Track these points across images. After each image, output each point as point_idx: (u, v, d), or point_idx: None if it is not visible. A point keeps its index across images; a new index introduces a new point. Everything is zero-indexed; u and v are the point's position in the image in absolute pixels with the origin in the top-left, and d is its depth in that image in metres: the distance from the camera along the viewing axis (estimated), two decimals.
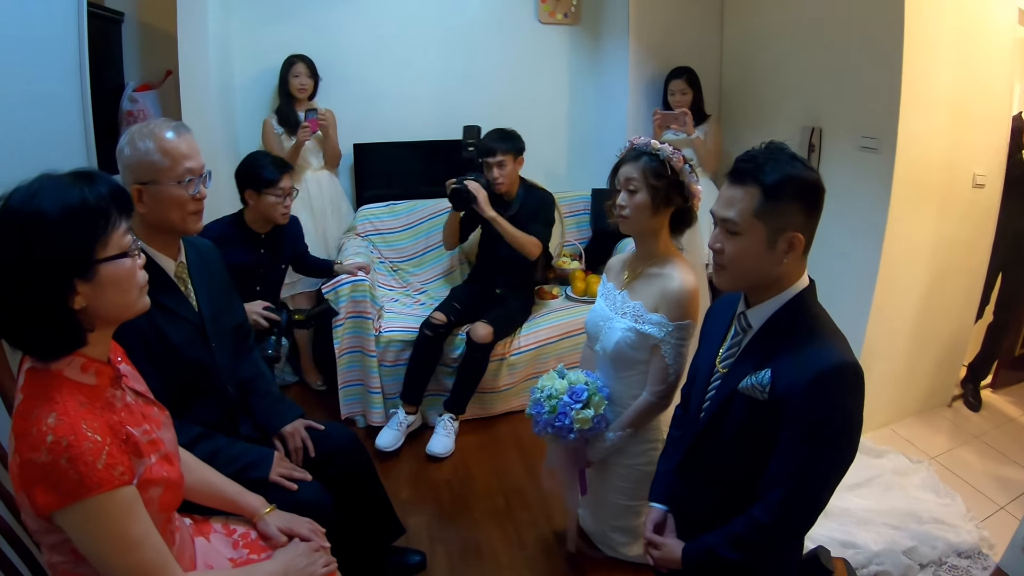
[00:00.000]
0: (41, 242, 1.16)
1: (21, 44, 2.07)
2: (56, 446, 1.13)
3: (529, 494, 2.95)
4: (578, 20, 4.46)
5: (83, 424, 1.17)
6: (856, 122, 3.17)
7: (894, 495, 2.76)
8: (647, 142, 2.05)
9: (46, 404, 1.17)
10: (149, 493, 1.28)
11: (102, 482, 1.15)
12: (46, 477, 1.13)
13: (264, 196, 2.95)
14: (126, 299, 1.29)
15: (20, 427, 1.17)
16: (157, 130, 1.79)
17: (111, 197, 1.24)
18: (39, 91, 2.17)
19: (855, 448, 1.50)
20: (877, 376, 3.17)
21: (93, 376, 1.27)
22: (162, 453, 1.36)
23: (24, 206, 1.16)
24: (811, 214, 1.51)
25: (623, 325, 2.12)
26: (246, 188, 2.97)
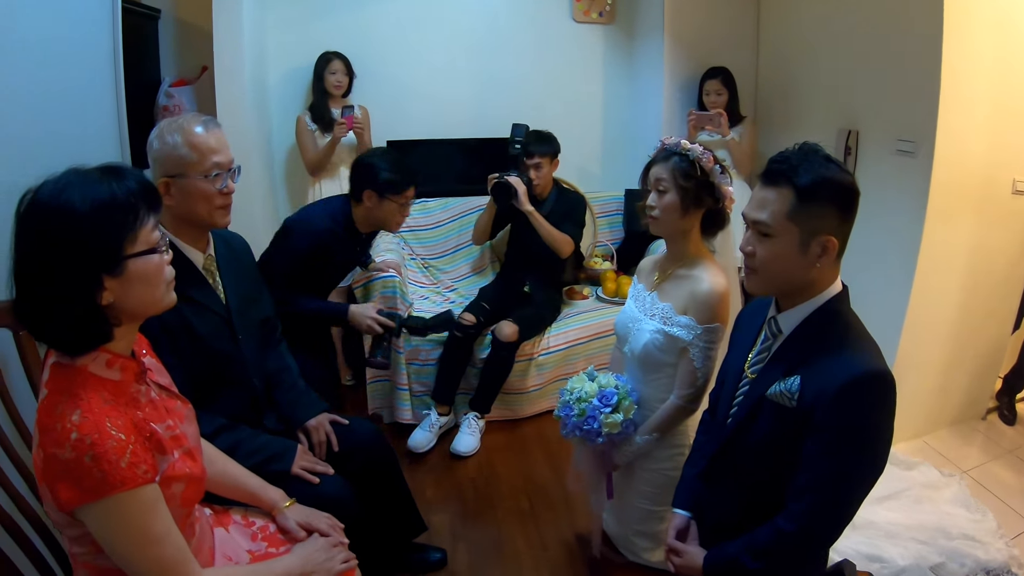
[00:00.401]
0: (69, 236, 1.16)
1: (56, 41, 2.09)
2: (80, 444, 1.13)
3: (554, 495, 2.93)
4: (613, 19, 4.43)
5: (107, 422, 1.17)
6: (893, 125, 3.09)
7: (924, 509, 2.69)
8: (677, 142, 2.03)
9: (71, 400, 1.18)
10: (171, 489, 1.29)
11: (125, 480, 1.16)
12: (69, 473, 1.14)
13: (386, 201, 2.74)
14: (153, 295, 1.29)
15: (44, 422, 1.17)
16: (186, 124, 1.80)
17: (140, 193, 1.24)
18: (74, 87, 2.19)
19: (884, 460, 1.46)
20: (910, 386, 3.09)
21: (118, 371, 1.28)
22: (185, 449, 1.36)
23: (52, 200, 1.17)
24: (845, 217, 1.47)
25: (651, 327, 2.09)
26: (367, 188, 2.73)
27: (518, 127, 3.54)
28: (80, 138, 2.20)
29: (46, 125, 2.02)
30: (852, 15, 3.34)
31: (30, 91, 1.95)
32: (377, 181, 2.71)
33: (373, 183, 2.71)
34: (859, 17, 3.29)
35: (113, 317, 1.24)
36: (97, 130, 2.33)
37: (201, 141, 1.80)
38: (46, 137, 2.00)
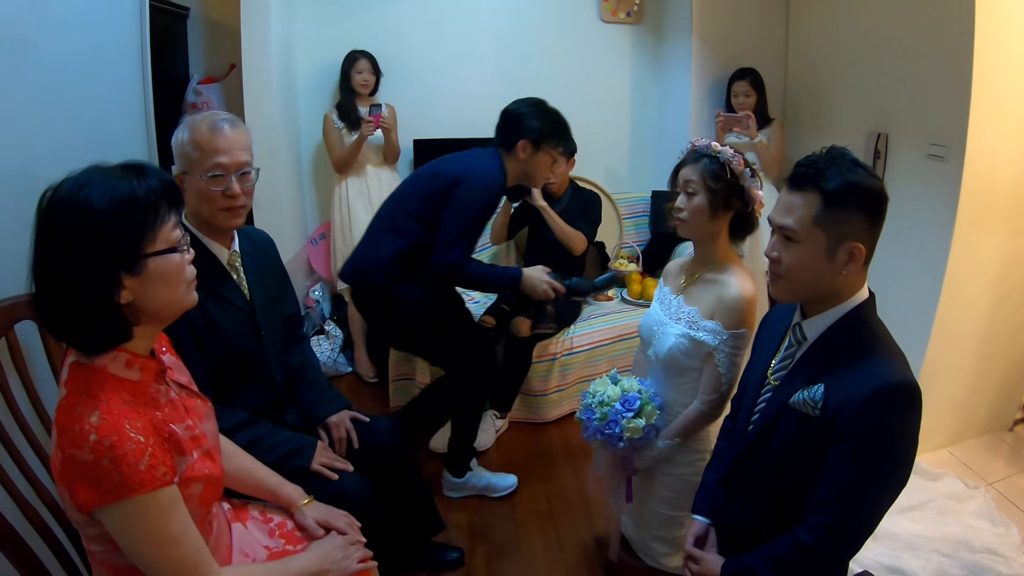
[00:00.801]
0: (88, 234, 1.15)
1: (85, 40, 2.12)
2: (99, 446, 1.13)
3: (573, 497, 2.92)
4: (640, 19, 4.41)
5: (126, 424, 1.16)
6: (924, 129, 3.03)
7: (947, 521, 2.64)
8: (708, 144, 2.00)
9: (89, 401, 1.17)
10: (190, 490, 1.29)
11: (144, 483, 1.15)
12: (88, 475, 1.13)
13: (541, 153, 2.69)
14: (173, 294, 1.27)
15: (63, 422, 1.17)
16: (199, 122, 1.79)
17: (161, 190, 1.23)
18: (103, 84, 2.22)
19: (908, 472, 1.43)
20: (936, 396, 3.04)
21: (137, 372, 1.27)
22: (204, 449, 1.36)
23: (72, 197, 1.15)
24: (873, 223, 1.44)
25: (677, 331, 2.06)
26: (522, 138, 2.66)
27: None
28: (108, 135, 2.22)
29: (75, 122, 2.04)
30: (882, 16, 3.29)
31: (59, 89, 1.98)
32: (536, 130, 2.66)
33: (531, 132, 2.66)
34: (889, 18, 3.24)
35: (132, 316, 1.23)
36: (125, 127, 2.36)
37: (206, 140, 1.77)
38: (74, 134, 2.03)
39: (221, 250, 1.90)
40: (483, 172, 2.67)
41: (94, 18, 2.16)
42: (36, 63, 1.87)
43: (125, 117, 2.35)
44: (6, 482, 1.47)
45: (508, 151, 2.70)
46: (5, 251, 1.69)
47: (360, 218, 3.88)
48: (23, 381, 1.61)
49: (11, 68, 1.77)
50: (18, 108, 1.79)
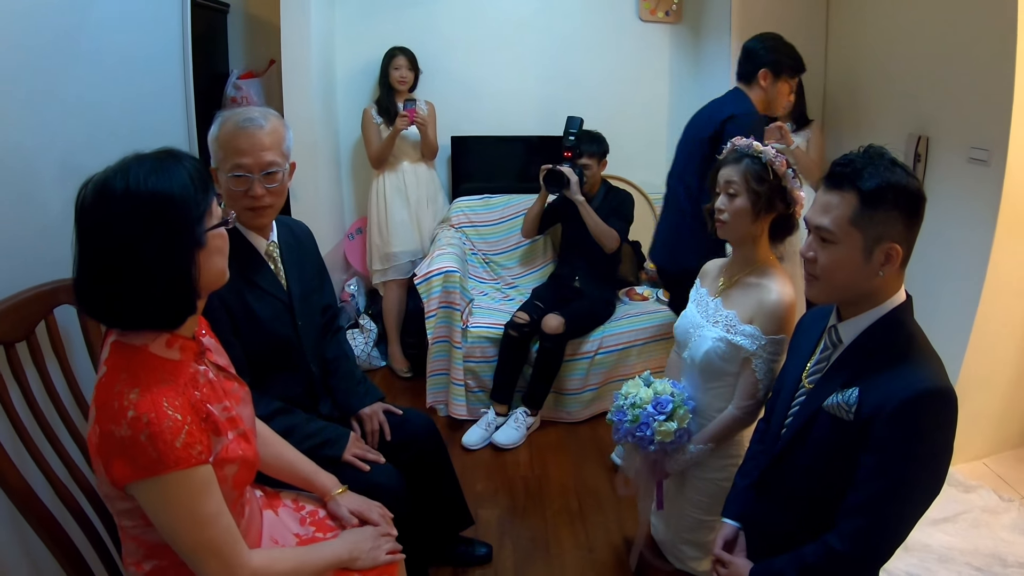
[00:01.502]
0: (166, 217, 1.20)
1: (128, 35, 2.17)
2: (136, 422, 1.15)
3: (604, 497, 2.91)
4: (680, 18, 4.37)
5: (164, 402, 1.19)
6: (965, 132, 2.94)
7: (980, 534, 2.56)
8: (749, 144, 1.97)
9: (129, 379, 1.20)
10: (224, 471, 1.31)
11: (179, 460, 1.18)
12: (125, 451, 1.16)
13: (780, 83, 2.86)
14: (223, 264, 1.34)
15: (101, 399, 1.20)
16: (227, 119, 1.81)
17: (201, 170, 1.30)
18: (146, 80, 2.27)
19: (942, 481, 1.40)
20: (973, 406, 2.94)
21: (177, 352, 1.30)
22: (240, 431, 1.39)
23: (140, 186, 1.19)
24: (911, 224, 1.41)
25: (714, 334, 2.03)
26: (762, 67, 2.85)
27: (573, 119, 3.54)
28: (150, 129, 2.27)
29: (117, 117, 2.09)
30: (924, 17, 3.20)
31: (103, 84, 2.02)
32: (774, 61, 2.82)
33: (770, 62, 2.82)
34: (932, 19, 3.15)
35: (199, 290, 1.28)
36: (166, 121, 2.41)
37: (229, 139, 1.78)
38: (117, 128, 2.07)
39: (260, 240, 1.93)
40: (744, 106, 2.85)
41: (137, 15, 2.21)
42: (81, 59, 1.92)
43: (166, 112, 2.40)
44: (42, 464, 1.51)
45: (749, 83, 2.88)
46: (47, 239, 1.74)
47: (397, 214, 3.93)
48: (61, 364, 1.65)
49: (57, 64, 1.82)
50: (63, 102, 1.84)
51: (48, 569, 1.60)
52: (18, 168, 1.67)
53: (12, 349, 1.51)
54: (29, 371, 1.56)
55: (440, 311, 3.43)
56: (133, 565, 1.36)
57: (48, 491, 1.50)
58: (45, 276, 1.65)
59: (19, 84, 1.67)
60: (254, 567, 1.33)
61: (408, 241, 3.97)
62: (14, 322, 1.52)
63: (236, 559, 1.30)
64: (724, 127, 2.76)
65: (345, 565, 1.55)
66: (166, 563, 1.34)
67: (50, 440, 1.56)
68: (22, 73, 1.68)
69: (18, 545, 1.63)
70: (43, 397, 1.58)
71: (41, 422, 1.55)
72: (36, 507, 1.43)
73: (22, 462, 1.45)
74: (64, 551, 1.46)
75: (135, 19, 2.19)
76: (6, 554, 1.60)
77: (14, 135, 1.65)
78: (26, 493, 1.42)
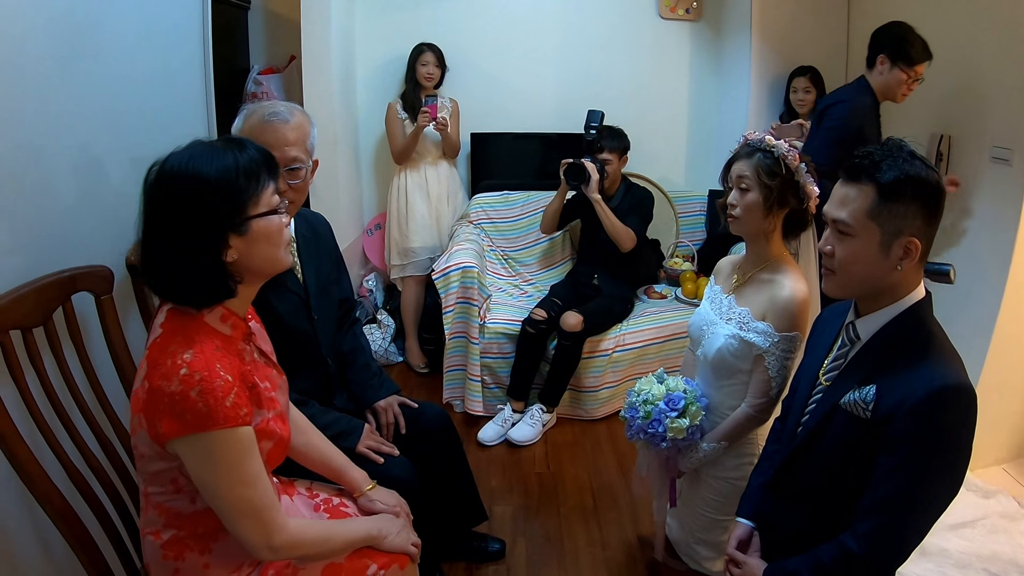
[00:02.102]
0: (199, 198, 1.26)
1: (150, 31, 2.19)
2: (189, 378, 1.21)
3: (619, 495, 2.90)
4: (700, 16, 4.34)
5: (217, 364, 1.25)
6: (988, 131, 2.91)
7: (999, 540, 2.52)
8: (761, 138, 1.94)
9: (184, 342, 1.26)
10: (261, 444, 1.35)
11: (228, 418, 1.23)
12: (174, 406, 1.21)
13: (896, 70, 2.85)
14: (274, 253, 1.39)
15: (155, 358, 1.26)
16: (253, 113, 1.83)
17: (261, 160, 1.35)
18: (166, 74, 2.29)
19: (960, 480, 1.37)
20: (994, 409, 2.90)
21: (229, 328, 1.37)
22: (277, 411, 1.44)
23: (182, 167, 1.27)
24: (930, 218, 1.39)
25: (727, 331, 2.01)
26: (881, 52, 2.87)
27: (594, 112, 3.53)
28: (169, 122, 2.29)
29: (138, 109, 2.11)
30: (947, 15, 3.16)
31: (124, 77, 2.04)
32: (889, 47, 2.83)
33: (888, 48, 2.83)
34: (954, 18, 3.11)
35: (237, 274, 1.33)
36: (186, 115, 2.43)
37: (253, 133, 1.79)
38: (137, 120, 2.10)
39: None
40: (850, 92, 2.94)
41: (159, 10, 2.24)
42: (103, 53, 1.94)
43: (186, 105, 2.42)
44: (56, 448, 1.52)
45: (870, 68, 2.91)
46: (66, 227, 1.77)
47: (417, 209, 3.95)
48: (77, 351, 1.67)
49: (80, 57, 1.84)
50: (83, 95, 1.86)
51: (59, 552, 1.62)
52: (39, 157, 1.69)
53: (29, 334, 1.53)
54: (46, 357, 1.57)
55: (458, 307, 3.43)
56: (152, 534, 1.39)
57: (61, 475, 1.51)
58: (64, 263, 1.67)
59: (40, 77, 1.69)
60: (290, 531, 1.38)
61: (427, 237, 3.98)
62: (32, 308, 1.54)
63: (273, 521, 1.34)
64: (827, 111, 2.88)
65: (373, 542, 1.58)
66: (185, 534, 1.38)
67: (65, 425, 1.57)
68: (44, 67, 1.70)
69: (30, 527, 1.65)
70: (59, 382, 1.60)
71: (56, 407, 1.56)
72: (49, 490, 1.44)
73: (36, 445, 1.46)
74: (75, 534, 1.47)
75: (155, 15, 2.21)
76: (18, 536, 1.62)
77: (35, 125, 1.67)
78: (39, 476, 1.43)
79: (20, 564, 1.64)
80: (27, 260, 1.63)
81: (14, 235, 1.61)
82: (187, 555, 1.39)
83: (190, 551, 1.39)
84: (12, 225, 1.61)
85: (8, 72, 1.57)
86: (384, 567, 1.57)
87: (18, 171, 1.62)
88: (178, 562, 1.39)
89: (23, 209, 1.64)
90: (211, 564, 1.40)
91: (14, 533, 1.61)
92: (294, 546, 1.40)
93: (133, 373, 1.80)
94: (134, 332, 1.94)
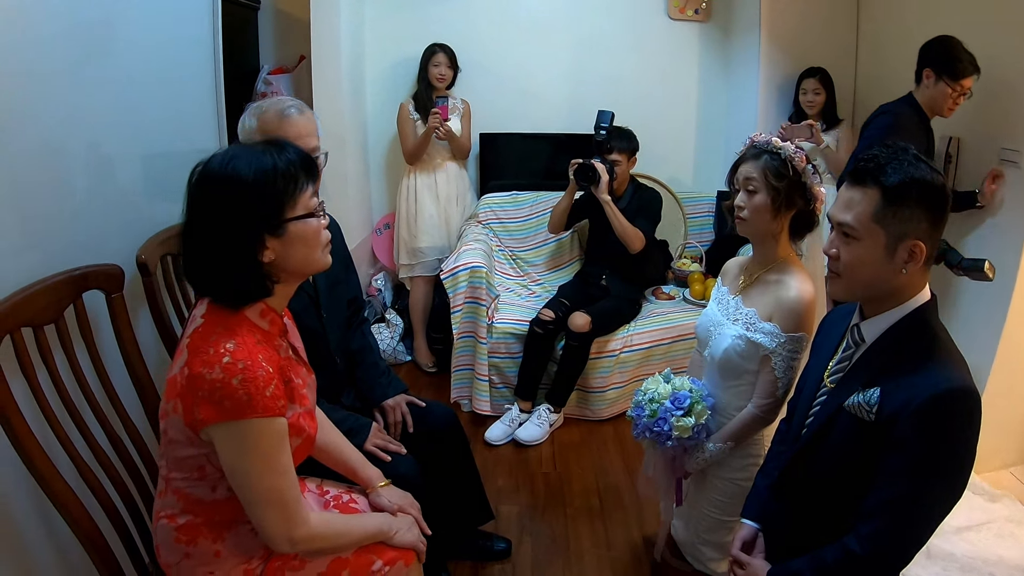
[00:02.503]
0: (236, 200, 1.29)
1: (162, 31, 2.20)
2: (232, 367, 1.25)
3: (625, 496, 2.90)
4: (708, 17, 4.34)
5: (260, 355, 1.28)
6: (997, 132, 2.90)
7: (1005, 544, 2.51)
8: (768, 140, 1.94)
9: (226, 332, 1.30)
10: (291, 439, 1.38)
11: (267, 408, 1.27)
12: (213, 393, 1.24)
13: (940, 83, 2.83)
14: (311, 255, 1.41)
15: (197, 344, 1.29)
16: (265, 109, 1.85)
17: (299, 163, 1.37)
18: (177, 74, 2.30)
19: (964, 484, 1.37)
20: (1000, 414, 2.89)
21: (268, 323, 1.40)
22: (307, 408, 1.47)
23: (222, 169, 1.30)
24: (935, 222, 1.38)
25: (733, 332, 2.01)
26: (927, 66, 2.86)
27: (604, 113, 3.53)
28: (180, 122, 2.30)
29: (149, 109, 2.12)
30: (955, 17, 3.14)
31: (136, 77, 2.06)
32: (934, 60, 2.82)
33: (934, 62, 2.82)
34: (962, 19, 3.09)
35: (274, 274, 1.36)
36: (197, 114, 2.44)
37: (275, 128, 1.83)
38: (148, 119, 2.11)
39: None
40: (898, 105, 2.92)
41: (170, 11, 2.26)
42: (116, 53, 1.96)
43: (197, 105, 2.44)
44: (67, 445, 1.54)
45: (917, 84, 2.91)
46: (78, 225, 1.79)
47: (426, 210, 3.96)
48: (88, 349, 1.69)
49: (93, 56, 1.86)
50: (95, 95, 1.87)
51: (69, 548, 1.63)
52: (52, 157, 1.71)
53: (41, 332, 1.55)
54: (57, 354, 1.59)
55: (466, 306, 3.44)
56: (167, 518, 1.42)
57: (72, 471, 1.53)
58: (76, 261, 1.69)
59: (53, 77, 1.71)
60: (312, 524, 1.41)
61: (436, 237, 4.00)
62: (44, 305, 1.56)
63: (298, 514, 1.38)
64: (870, 122, 2.89)
65: (383, 537, 1.61)
66: (201, 520, 1.41)
67: (75, 422, 1.59)
68: (57, 67, 1.72)
69: (41, 523, 1.66)
70: (70, 380, 1.61)
71: (67, 404, 1.58)
72: (59, 487, 1.46)
73: (47, 442, 1.48)
74: (86, 531, 1.49)
75: (166, 15, 2.23)
76: (27, 531, 1.64)
77: (49, 125, 1.69)
78: (50, 473, 1.45)
79: (31, 560, 1.65)
80: (42, 256, 1.65)
81: (30, 232, 1.64)
82: (200, 541, 1.41)
83: (203, 537, 1.41)
84: (29, 222, 1.63)
85: (28, 74, 1.61)
86: (390, 563, 1.59)
87: (36, 170, 1.65)
88: (189, 546, 1.41)
89: (39, 207, 1.67)
90: (222, 552, 1.42)
91: (25, 529, 1.63)
92: (313, 539, 1.43)
93: (143, 371, 1.82)
94: (144, 330, 1.96)
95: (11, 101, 1.57)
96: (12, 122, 1.58)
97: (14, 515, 1.60)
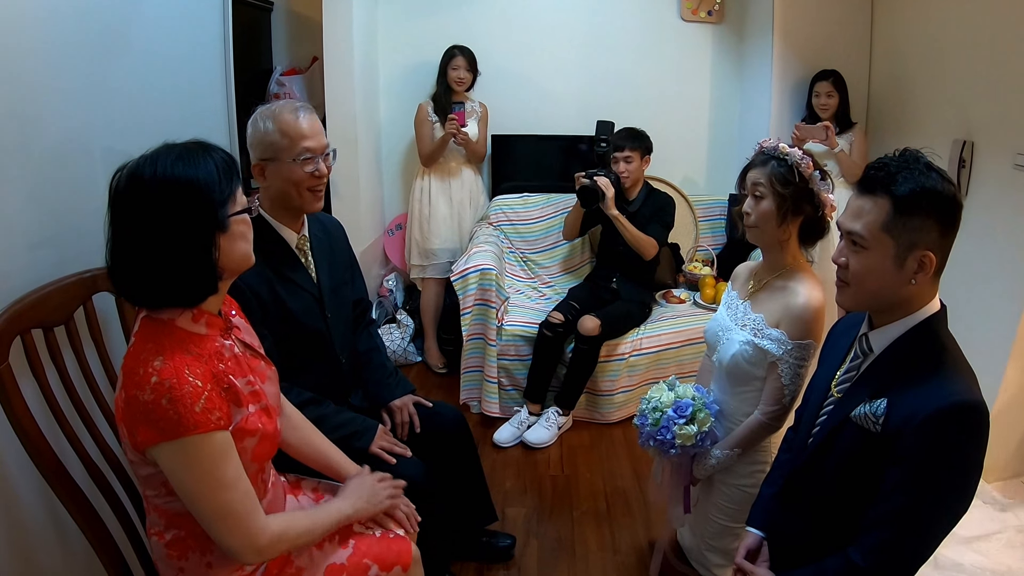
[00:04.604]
0: (191, 200, 1.27)
1: (174, 33, 2.23)
2: (159, 387, 1.22)
3: (633, 500, 2.90)
4: (722, 18, 4.33)
5: (186, 370, 1.25)
6: (1012, 137, 2.85)
7: (1014, 555, 2.48)
8: (775, 146, 1.93)
9: (155, 349, 1.27)
10: (244, 443, 1.37)
11: (198, 424, 1.23)
12: (148, 415, 1.22)
13: None
14: (247, 249, 1.41)
15: (129, 366, 1.27)
16: (279, 111, 1.87)
17: (229, 160, 1.37)
18: (188, 75, 2.33)
19: (969, 498, 1.35)
20: (1012, 423, 2.85)
21: (203, 326, 1.37)
22: (262, 405, 1.44)
23: (164, 173, 1.27)
24: (946, 232, 1.36)
25: (741, 338, 2.00)
26: None
27: (604, 124, 3.52)
28: (191, 123, 2.32)
29: (161, 110, 2.15)
30: (971, 20, 3.11)
31: (148, 79, 2.08)
32: None
33: None
34: (979, 22, 3.05)
35: (219, 271, 1.35)
36: (208, 116, 2.47)
37: (292, 127, 1.85)
38: (160, 120, 2.13)
39: (291, 234, 1.97)
40: None
41: (182, 13, 2.28)
42: (128, 55, 1.98)
43: (208, 106, 2.46)
44: (75, 444, 1.55)
45: None
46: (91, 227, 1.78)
47: (439, 211, 3.97)
48: (98, 349, 1.71)
49: (106, 57, 1.88)
50: (108, 96, 1.90)
51: (76, 544, 1.65)
52: (66, 159, 1.73)
53: (51, 333, 1.57)
54: (66, 355, 1.61)
55: (476, 308, 3.44)
56: (156, 535, 1.43)
57: (81, 470, 1.55)
58: (87, 263, 1.71)
59: (68, 79, 1.73)
60: (272, 531, 1.39)
61: (448, 239, 4.01)
62: (55, 307, 1.57)
63: (254, 524, 1.35)
64: None
65: (351, 518, 1.62)
66: (185, 533, 1.40)
67: (84, 422, 1.61)
68: (72, 69, 1.74)
69: (50, 523, 1.68)
70: (79, 380, 1.63)
71: (76, 404, 1.59)
72: (67, 485, 1.47)
73: (56, 442, 1.50)
74: (92, 527, 1.50)
75: (179, 17, 2.25)
76: (38, 532, 1.66)
77: (63, 127, 1.72)
78: (59, 471, 1.46)
79: (39, 559, 1.68)
80: (52, 260, 1.67)
81: (46, 232, 1.67)
82: (190, 555, 1.41)
83: (192, 551, 1.41)
84: (48, 220, 1.67)
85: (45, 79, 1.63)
86: (386, 569, 1.59)
87: (54, 172, 1.68)
88: (181, 561, 1.41)
89: (50, 211, 1.69)
90: (213, 564, 1.42)
91: (33, 529, 1.65)
92: (279, 542, 1.41)
93: None
94: None
95: (29, 105, 1.60)
96: (30, 126, 1.61)
97: (23, 514, 1.61)
